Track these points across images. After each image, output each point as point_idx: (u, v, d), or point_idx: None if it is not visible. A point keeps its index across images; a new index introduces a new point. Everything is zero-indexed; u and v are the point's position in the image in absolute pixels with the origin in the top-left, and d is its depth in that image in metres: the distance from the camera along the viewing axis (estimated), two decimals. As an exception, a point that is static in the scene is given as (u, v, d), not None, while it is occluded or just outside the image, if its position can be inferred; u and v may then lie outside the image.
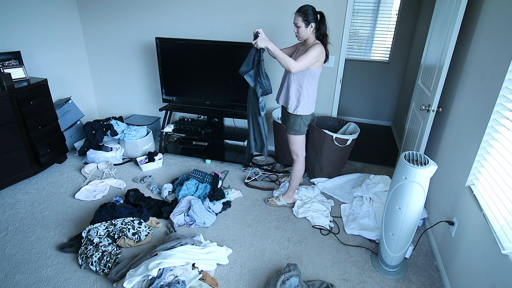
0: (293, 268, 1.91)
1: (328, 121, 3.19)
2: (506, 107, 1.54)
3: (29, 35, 3.04)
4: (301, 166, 2.52)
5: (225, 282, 1.92)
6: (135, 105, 3.89)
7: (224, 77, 3.16)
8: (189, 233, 2.29)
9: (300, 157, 2.48)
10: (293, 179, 2.57)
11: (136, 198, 2.56)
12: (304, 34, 2.20)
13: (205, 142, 3.46)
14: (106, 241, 2.06)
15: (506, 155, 1.49)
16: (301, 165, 2.51)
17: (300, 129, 2.36)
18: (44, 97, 2.83)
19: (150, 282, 1.72)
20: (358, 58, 4.50)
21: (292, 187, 2.61)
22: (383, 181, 2.76)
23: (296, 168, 2.52)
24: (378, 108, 4.68)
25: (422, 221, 2.44)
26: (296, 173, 2.54)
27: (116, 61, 3.69)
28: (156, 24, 3.36)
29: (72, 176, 2.99)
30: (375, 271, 2.04)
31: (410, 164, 1.70)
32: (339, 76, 3.11)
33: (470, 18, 2.08)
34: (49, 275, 1.92)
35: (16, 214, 2.45)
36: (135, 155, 3.33)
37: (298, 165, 2.51)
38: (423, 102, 2.47)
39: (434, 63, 2.33)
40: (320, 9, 2.91)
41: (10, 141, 2.59)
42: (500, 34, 1.64)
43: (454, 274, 1.84)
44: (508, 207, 1.42)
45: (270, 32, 3.09)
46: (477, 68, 1.88)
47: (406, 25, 4.10)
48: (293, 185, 2.60)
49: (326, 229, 2.39)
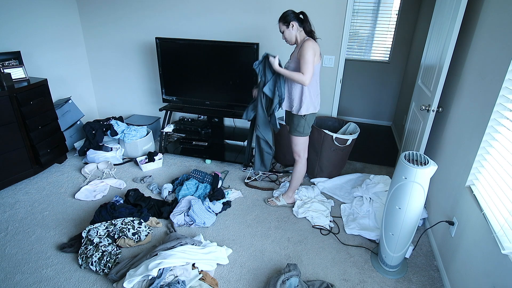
0: (293, 268, 1.91)
1: (328, 121, 3.19)
2: (506, 107, 1.54)
3: (29, 35, 3.04)
4: (303, 167, 2.52)
5: (225, 282, 1.92)
6: (135, 105, 3.90)
7: (224, 77, 3.16)
8: (189, 233, 2.29)
9: (302, 158, 2.48)
10: (294, 179, 2.57)
11: (136, 198, 2.56)
12: (290, 36, 2.24)
13: (205, 142, 3.46)
14: (106, 241, 2.06)
15: (506, 155, 1.49)
16: (302, 166, 2.51)
17: (303, 131, 2.36)
18: (44, 97, 2.83)
19: (150, 282, 1.72)
20: (358, 58, 4.50)
21: (292, 188, 2.61)
22: (383, 181, 2.75)
23: (297, 169, 2.52)
24: (378, 108, 4.68)
25: (422, 221, 2.44)
26: (297, 174, 2.54)
27: (116, 61, 3.69)
28: (156, 24, 3.37)
29: (72, 176, 2.99)
30: (375, 271, 2.04)
31: (410, 164, 1.70)
32: (339, 76, 3.12)
33: (470, 18, 2.08)
34: (49, 275, 1.92)
35: (16, 214, 2.45)
36: (135, 155, 3.33)
37: (299, 166, 2.51)
38: (423, 102, 2.47)
39: (434, 63, 2.33)
40: (320, 9, 2.93)
41: (10, 141, 2.59)
42: (500, 34, 1.64)
43: (454, 274, 1.84)
44: (508, 207, 1.42)
45: (270, 31, 3.10)
46: (477, 68, 1.88)
47: (406, 25, 4.10)
48: (293, 186, 2.60)
49: (326, 229, 2.39)
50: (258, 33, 3.13)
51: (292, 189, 2.61)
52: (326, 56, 3.06)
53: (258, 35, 3.13)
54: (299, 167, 2.52)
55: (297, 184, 2.60)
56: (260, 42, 3.11)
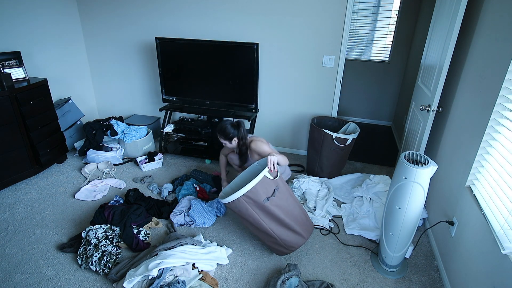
0: (293, 268, 1.91)
1: (328, 121, 3.19)
2: (506, 107, 1.54)
3: (29, 35, 3.04)
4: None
5: (225, 282, 1.92)
6: (135, 105, 3.89)
7: (224, 77, 3.16)
8: (189, 233, 2.29)
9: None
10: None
11: (136, 198, 2.56)
12: (232, 146, 2.41)
13: (205, 142, 3.46)
14: (106, 241, 2.06)
15: (506, 155, 1.49)
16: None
17: None
18: (44, 97, 2.83)
19: (150, 282, 1.72)
20: (358, 58, 4.50)
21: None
22: (383, 181, 2.75)
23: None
24: (378, 108, 4.68)
25: (422, 221, 2.44)
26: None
27: (116, 61, 3.69)
28: (156, 24, 3.36)
29: (72, 176, 2.99)
30: (375, 271, 2.04)
31: (410, 164, 1.70)
32: (339, 76, 3.12)
33: (470, 18, 2.08)
34: (49, 275, 1.92)
35: (16, 214, 2.45)
36: (135, 155, 3.33)
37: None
38: (423, 102, 2.47)
39: (434, 63, 2.33)
40: (320, 9, 2.93)
41: (10, 141, 2.59)
42: (500, 34, 1.64)
43: (454, 274, 1.84)
44: (508, 207, 1.42)
45: (271, 31, 3.10)
46: (477, 68, 1.88)
47: (406, 25, 4.10)
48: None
49: (326, 229, 2.39)
50: (258, 33, 3.13)
51: None
52: (326, 56, 3.06)
53: (258, 35, 3.13)
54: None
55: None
56: (260, 42, 3.11)
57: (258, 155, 2.31)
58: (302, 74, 3.20)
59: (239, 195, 1.79)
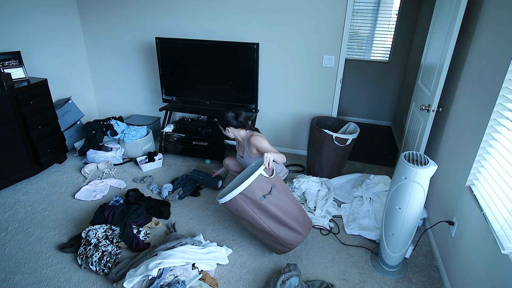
0: (293, 268, 1.91)
1: (328, 121, 3.19)
2: (506, 107, 1.54)
3: (29, 35, 3.04)
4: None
5: (225, 282, 1.92)
6: (135, 105, 3.89)
7: (224, 77, 3.16)
8: (189, 233, 2.29)
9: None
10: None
11: (136, 198, 2.56)
12: (228, 135, 2.40)
13: (205, 142, 3.46)
14: (106, 241, 2.06)
15: (506, 155, 1.49)
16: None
17: None
18: (44, 97, 2.83)
19: (150, 282, 1.72)
20: (358, 58, 4.50)
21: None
22: (383, 181, 2.75)
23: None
24: (378, 108, 4.68)
25: (422, 221, 2.44)
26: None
27: (116, 61, 3.69)
28: (156, 24, 3.36)
29: (72, 176, 2.99)
30: (375, 271, 2.04)
31: (410, 164, 1.70)
32: (339, 76, 3.12)
33: (470, 18, 2.08)
34: (49, 275, 1.92)
35: (16, 214, 2.45)
36: (135, 155, 3.33)
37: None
38: (423, 102, 2.47)
39: (434, 63, 2.33)
40: (320, 9, 2.93)
41: (10, 141, 2.59)
42: (500, 34, 1.64)
43: (454, 274, 1.84)
44: (508, 207, 1.42)
45: (271, 31, 3.10)
46: (477, 68, 1.88)
47: (406, 25, 4.10)
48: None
49: (326, 229, 2.39)
50: (258, 33, 3.13)
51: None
52: (326, 56, 3.06)
53: (258, 35, 3.13)
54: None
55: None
56: (260, 42, 3.11)
57: (257, 150, 2.31)
58: (302, 74, 3.20)
59: (235, 194, 1.80)
